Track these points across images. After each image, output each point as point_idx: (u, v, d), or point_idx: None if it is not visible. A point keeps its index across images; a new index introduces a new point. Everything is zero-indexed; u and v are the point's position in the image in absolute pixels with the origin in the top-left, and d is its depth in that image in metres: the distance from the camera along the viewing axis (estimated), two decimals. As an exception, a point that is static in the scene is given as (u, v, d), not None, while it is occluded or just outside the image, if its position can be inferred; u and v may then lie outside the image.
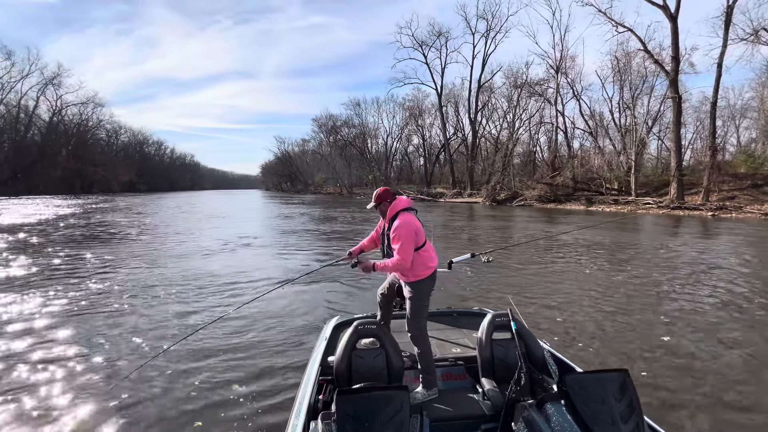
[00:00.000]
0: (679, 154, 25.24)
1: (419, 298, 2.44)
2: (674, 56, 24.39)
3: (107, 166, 64.77)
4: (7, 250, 9.75)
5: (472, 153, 42.18)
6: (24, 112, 51.19)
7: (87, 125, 61.93)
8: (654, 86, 30.08)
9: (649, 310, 5.22)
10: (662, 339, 4.20)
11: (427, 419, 1.61)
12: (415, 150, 61.19)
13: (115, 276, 7.11)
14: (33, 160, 50.68)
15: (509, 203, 31.68)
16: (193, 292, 6.08)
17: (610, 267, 8.03)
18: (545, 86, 36.05)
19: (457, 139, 49.40)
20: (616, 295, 5.95)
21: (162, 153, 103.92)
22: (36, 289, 6.12)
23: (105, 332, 4.35)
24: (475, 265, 7.43)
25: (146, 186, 77.15)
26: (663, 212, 22.86)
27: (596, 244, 11.17)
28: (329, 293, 6.05)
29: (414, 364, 2.44)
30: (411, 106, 54.47)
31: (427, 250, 2.47)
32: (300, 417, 1.81)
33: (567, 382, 1.62)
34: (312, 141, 77.16)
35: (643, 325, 4.66)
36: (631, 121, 30.09)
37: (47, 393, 3.07)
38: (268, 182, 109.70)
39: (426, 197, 41.73)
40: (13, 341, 4.07)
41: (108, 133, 71.16)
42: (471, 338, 2.76)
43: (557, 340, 4.03)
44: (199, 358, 3.70)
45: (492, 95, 41.81)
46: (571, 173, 30.93)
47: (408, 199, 2.55)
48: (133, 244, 11.34)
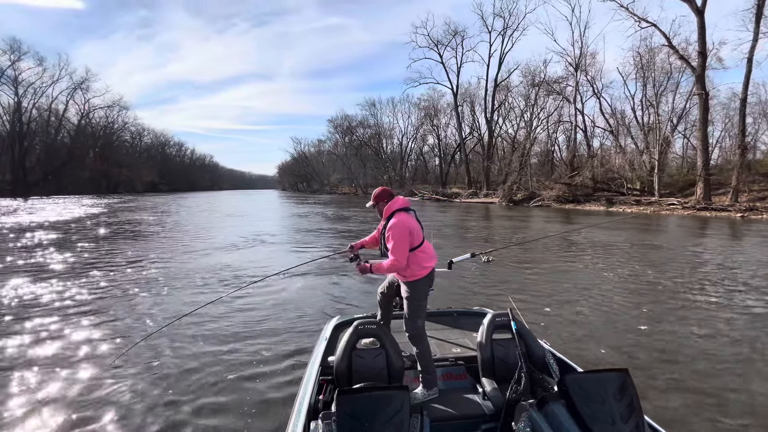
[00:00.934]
0: (706, 153, 24.27)
1: (416, 297, 2.43)
2: (701, 51, 23.48)
3: (131, 167, 67.06)
4: (50, 245, 10.57)
5: (488, 153, 41.68)
6: (54, 115, 53.57)
7: (113, 128, 64.38)
8: (679, 83, 29.14)
9: (655, 312, 5.10)
10: (661, 342, 4.09)
11: (428, 419, 1.61)
12: (431, 150, 60.97)
13: (143, 266, 7.88)
14: (63, 162, 52.95)
15: (526, 204, 31.15)
16: (210, 281, 6.71)
17: (622, 268, 7.81)
18: (564, 84, 35.36)
19: (473, 138, 48.96)
20: (622, 295, 5.84)
21: (183, 154, 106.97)
22: (76, 275, 6.98)
23: (120, 312, 4.96)
24: (475, 265, 7.43)
25: (168, 186, 79.44)
26: (688, 213, 22.04)
27: (611, 244, 10.88)
28: (330, 292, 6.08)
29: (414, 364, 2.43)
30: (426, 105, 54.32)
31: (424, 250, 2.46)
32: (300, 417, 1.81)
33: (567, 382, 1.62)
34: (328, 141, 77.90)
35: (645, 326, 4.57)
36: (655, 119, 29.15)
37: (66, 351, 3.55)
38: (285, 182, 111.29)
39: (441, 197, 41.46)
40: (58, 316, 4.70)
41: (132, 135, 73.80)
42: (471, 338, 2.75)
43: (557, 340, 3.98)
44: (199, 356, 3.71)
45: (509, 94, 41.27)
46: (591, 173, 30.17)
47: (405, 199, 2.57)
48: (159, 239, 12.09)
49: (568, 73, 34.75)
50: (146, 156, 79.62)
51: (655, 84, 29.53)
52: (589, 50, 33.60)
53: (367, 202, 2.66)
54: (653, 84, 29.63)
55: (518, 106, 40.79)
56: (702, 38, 23.37)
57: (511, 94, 41.06)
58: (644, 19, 26.72)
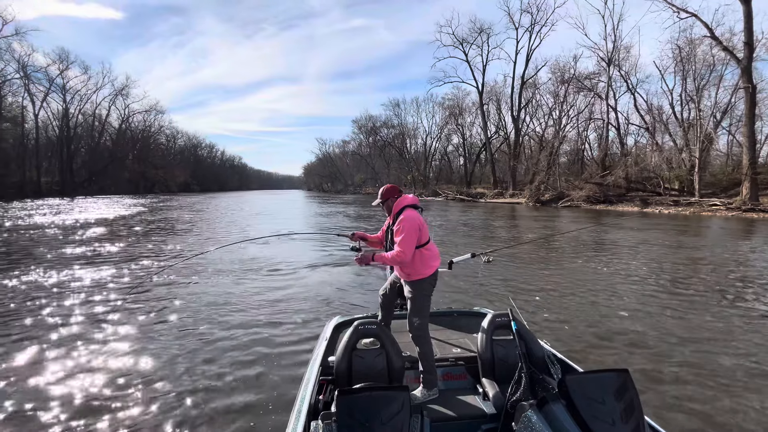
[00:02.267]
0: (753, 150, 22.64)
1: (420, 297, 2.41)
2: (747, 42, 21.93)
3: (166, 168, 70.46)
4: (104, 238, 11.93)
5: (515, 152, 40.74)
6: (98, 120, 57.14)
7: (150, 131, 67.81)
8: (723, 76, 27.37)
9: (663, 315, 4.86)
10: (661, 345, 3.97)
11: (428, 419, 1.62)
12: (455, 149, 60.33)
13: (179, 255, 9.05)
14: (105, 164, 56.36)
15: (554, 204, 30.21)
16: (233, 269, 7.50)
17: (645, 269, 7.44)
18: (596, 80, 34.03)
19: (498, 137, 48.02)
20: (629, 297, 5.63)
21: (213, 156, 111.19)
22: (123, 262, 8.03)
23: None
24: (477, 266, 7.30)
25: (199, 186, 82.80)
26: (733, 214, 20.66)
27: (642, 243, 10.37)
28: (333, 291, 6.11)
29: (414, 364, 2.42)
30: (451, 105, 53.79)
31: (430, 249, 2.45)
32: (300, 417, 1.81)
33: (567, 382, 1.61)
34: (352, 142, 78.80)
35: (646, 328, 4.43)
36: (696, 115, 27.49)
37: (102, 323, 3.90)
38: (310, 183, 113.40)
39: (465, 197, 40.94)
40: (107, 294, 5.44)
41: (167, 138, 77.42)
42: (471, 338, 2.74)
43: (557, 340, 3.93)
44: (198, 353, 3.76)
45: (536, 91, 40.18)
46: (624, 172, 28.88)
47: (414, 196, 2.55)
48: (193, 234, 13.33)
49: (600, 69, 33.45)
50: (180, 158, 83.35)
51: (696, 77, 27.88)
52: (623, 44, 32.21)
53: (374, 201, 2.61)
54: (694, 78, 27.99)
55: (546, 104, 39.67)
56: (749, 28, 21.83)
57: (539, 91, 40.01)
58: (684, 9, 25.29)
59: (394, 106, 62.80)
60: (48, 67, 46.71)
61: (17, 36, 39.89)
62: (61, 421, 2.68)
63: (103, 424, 2.65)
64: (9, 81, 42.09)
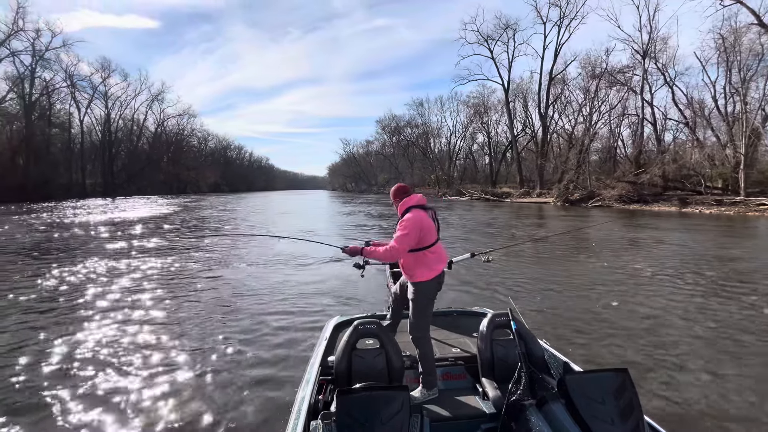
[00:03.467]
0: (808, 145, 20.93)
1: (422, 299, 2.39)
2: (801, 28, 20.31)
3: (198, 169, 73.45)
4: (148, 234, 13.29)
5: (542, 150, 39.57)
6: (136, 124, 60.39)
7: (183, 134, 70.96)
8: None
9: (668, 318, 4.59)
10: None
11: (427, 419, 1.62)
12: (480, 148, 59.33)
13: (211, 250, 10.13)
14: (142, 166, 59.48)
15: (584, 204, 29.13)
16: (257, 261, 8.30)
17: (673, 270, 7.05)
18: (629, 74, 32.46)
19: (525, 135, 46.82)
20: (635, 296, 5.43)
21: (242, 157, 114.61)
22: (164, 254, 9.14)
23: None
24: (477, 266, 7.24)
25: (228, 187, 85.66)
26: (783, 215, 19.19)
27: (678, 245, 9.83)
28: (333, 291, 6.15)
29: (414, 364, 2.43)
30: (476, 103, 52.92)
31: (434, 251, 2.41)
32: (300, 417, 1.81)
33: (567, 382, 1.61)
34: (376, 142, 79.10)
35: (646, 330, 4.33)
36: (741, 108, 25.69)
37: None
38: (335, 183, 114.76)
39: (490, 197, 40.20)
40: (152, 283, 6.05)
41: (198, 141, 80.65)
42: (471, 338, 2.72)
43: (557, 340, 3.89)
44: (197, 353, 3.79)
45: (565, 87, 38.83)
46: (661, 170, 27.41)
47: (420, 196, 2.54)
48: (224, 229, 15.05)
49: (634, 62, 31.91)
50: (210, 159, 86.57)
51: (741, 68, 26.02)
52: (660, 35, 30.55)
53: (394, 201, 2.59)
54: (739, 68, 26.13)
55: (576, 100, 38.24)
56: (803, 13, 20.21)
57: (568, 87, 38.64)
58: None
59: (417, 106, 62.57)
60: (92, 75, 49.92)
61: (64, 47, 42.85)
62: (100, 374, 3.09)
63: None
64: (57, 89, 45.28)
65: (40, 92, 42.78)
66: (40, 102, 43.18)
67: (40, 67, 41.44)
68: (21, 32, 38.15)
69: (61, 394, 3.06)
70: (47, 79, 43.16)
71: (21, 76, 40.07)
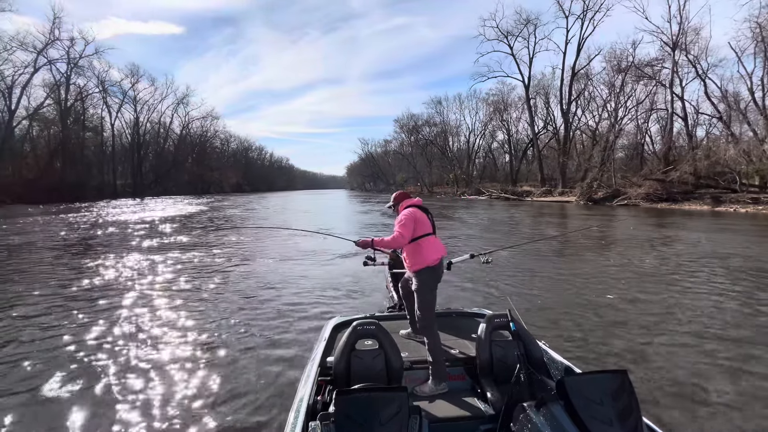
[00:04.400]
0: None
1: (423, 289, 2.54)
2: None
3: (221, 170, 75.49)
4: (178, 231, 14.37)
5: (565, 147, 38.56)
6: (162, 127, 62.68)
7: (206, 136, 73.11)
8: (817, 54, 23.79)
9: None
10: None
11: (426, 420, 1.61)
12: (500, 146, 58.38)
13: (234, 245, 10.91)
14: (168, 168, 61.69)
15: (608, 202, 28.21)
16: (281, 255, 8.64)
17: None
18: (658, 67, 31.14)
19: (547, 132, 45.76)
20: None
21: (263, 157, 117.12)
22: (193, 248, 10.17)
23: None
24: (477, 265, 7.16)
25: (250, 187, 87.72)
26: (828, 214, 17.98)
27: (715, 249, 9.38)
28: (334, 290, 6.18)
29: (413, 365, 2.44)
30: (495, 100, 52.11)
31: (430, 241, 2.62)
32: (299, 417, 1.81)
33: (566, 383, 1.60)
34: (394, 141, 79.01)
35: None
36: (781, 101, 24.23)
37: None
38: (353, 182, 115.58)
39: (510, 196, 39.51)
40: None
41: (221, 142, 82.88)
42: (470, 339, 2.71)
43: (556, 341, 3.85)
44: (196, 352, 3.84)
45: (589, 82, 37.70)
46: (692, 167, 26.17)
47: (417, 198, 2.86)
48: (247, 229, 15.92)
49: (663, 54, 30.58)
50: (233, 160, 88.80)
51: (781, 58, 24.54)
52: (691, 26, 29.16)
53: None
54: (779, 58, 24.65)
55: (600, 96, 37.06)
56: None
57: (592, 82, 37.48)
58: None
59: (436, 104, 62.09)
60: (122, 81, 52.15)
61: (97, 55, 44.90)
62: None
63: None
64: (90, 95, 47.55)
65: (75, 98, 45.03)
66: (74, 107, 45.45)
67: (74, 74, 43.68)
68: (57, 41, 40.34)
69: (97, 356, 3.71)
70: (81, 86, 45.45)
71: (57, 83, 42.30)
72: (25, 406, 2.93)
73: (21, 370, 3.48)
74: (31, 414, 2.83)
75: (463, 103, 59.70)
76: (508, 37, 42.23)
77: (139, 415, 2.79)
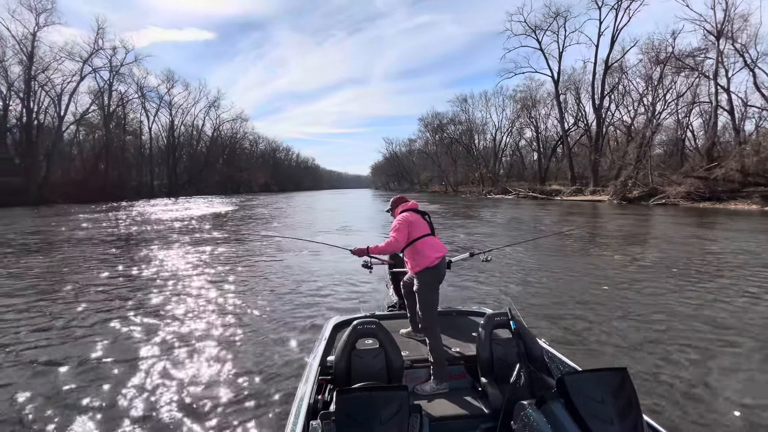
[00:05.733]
0: None
1: (425, 288, 2.55)
2: None
3: (249, 170, 77.95)
4: (212, 227, 15.73)
5: (597, 144, 37.00)
6: (195, 130, 65.42)
7: (236, 138, 75.56)
8: None
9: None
10: None
11: (427, 419, 1.62)
12: (528, 144, 56.83)
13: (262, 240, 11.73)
14: (200, 169, 64.32)
15: (644, 201, 26.85)
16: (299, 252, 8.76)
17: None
18: (701, 57, 29.30)
19: (577, 129, 44.13)
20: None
21: (290, 158, 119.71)
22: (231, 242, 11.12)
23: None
24: (478, 265, 7.05)
25: (278, 187, 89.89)
26: None
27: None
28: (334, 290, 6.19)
29: (413, 364, 2.45)
30: (523, 97, 50.73)
31: (428, 242, 2.63)
32: (299, 417, 1.82)
33: (566, 381, 1.60)
34: (418, 140, 78.68)
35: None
36: (843, 90, 22.16)
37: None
38: (377, 182, 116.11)
39: (538, 195, 38.38)
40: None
41: (250, 143, 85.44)
42: (470, 337, 2.71)
43: (556, 340, 3.81)
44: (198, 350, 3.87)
45: (624, 76, 35.96)
46: (739, 163, 24.43)
47: (413, 202, 2.90)
48: (274, 225, 16.92)
49: (706, 44, 28.74)
50: (261, 161, 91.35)
51: (843, 44, 22.42)
52: (738, 12, 27.21)
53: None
54: (841, 44, 22.53)
55: (636, 89, 35.27)
56: None
57: (627, 75, 35.74)
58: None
59: (461, 102, 61.22)
60: (158, 86, 54.89)
61: (136, 62, 47.46)
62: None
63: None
64: (130, 101, 50.40)
65: (117, 103, 47.87)
66: (116, 112, 48.33)
67: (116, 80, 46.36)
68: (101, 50, 42.93)
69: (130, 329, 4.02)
70: (122, 92, 48.26)
71: (101, 90, 45.08)
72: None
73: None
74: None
75: (490, 100, 58.59)
76: (536, 31, 41.06)
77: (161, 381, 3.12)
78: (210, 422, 2.69)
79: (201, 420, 2.71)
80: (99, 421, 2.69)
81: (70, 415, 2.75)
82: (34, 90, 38.22)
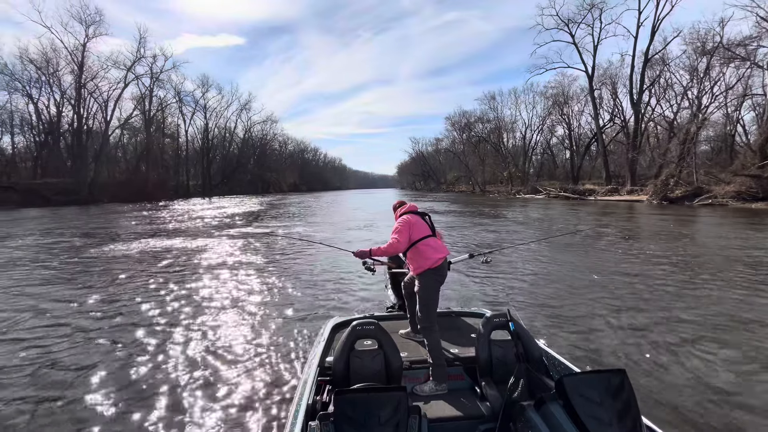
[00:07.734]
0: None
1: (425, 289, 2.57)
2: None
3: (279, 171, 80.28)
4: (249, 223, 17.17)
5: (635, 141, 35.08)
6: (228, 132, 68.14)
7: (266, 139, 77.98)
8: None
9: None
10: None
11: (426, 420, 1.61)
12: (560, 142, 54.83)
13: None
14: (233, 169, 66.87)
15: (687, 201, 25.19)
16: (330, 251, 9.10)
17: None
18: (753, 46, 27.07)
19: (613, 126, 42.02)
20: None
21: (317, 158, 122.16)
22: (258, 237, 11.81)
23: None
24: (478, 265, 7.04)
25: (306, 186, 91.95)
26: None
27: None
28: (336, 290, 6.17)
29: (412, 365, 2.45)
30: (554, 93, 48.97)
31: (427, 243, 2.65)
32: (298, 417, 1.81)
33: (565, 383, 1.59)
34: (445, 140, 77.80)
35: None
36: None
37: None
38: (404, 181, 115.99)
39: (571, 194, 36.92)
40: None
41: (279, 144, 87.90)
42: (469, 339, 2.71)
43: (556, 341, 3.78)
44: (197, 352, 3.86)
45: (665, 68, 33.88)
46: (797, 160, 22.41)
47: (412, 204, 2.98)
48: (302, 223, 17.73)
49: (759, 31, 26.49)
50: (290, 161, 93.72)
51: None
52: (798, -5, 24.89)
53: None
54: None
55: (679, 82, 33.12)
56: None
57: (669, 68, 33.63)
58: None
59: (489, 100, 59.89)
60: (194, 91, 57.63)
61: (174, 69, 50.15)
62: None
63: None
64: (169, 105, 53.19)
65: (156, 108, 50.70)
66: (156, 117, 51.16)
67: (156, 86, 49.10)
68: (143, 59, 45.62)
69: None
70: (161, 97, 51.06)
71: (142, 96, 47.92)
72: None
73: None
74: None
75: (519, 97, 56.94)
76: (569, 24, 39.51)
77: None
78: (209, 422, 2.67)
79: (200, 420, 2.70)
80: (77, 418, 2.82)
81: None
82: (83, 97, 41.30)
